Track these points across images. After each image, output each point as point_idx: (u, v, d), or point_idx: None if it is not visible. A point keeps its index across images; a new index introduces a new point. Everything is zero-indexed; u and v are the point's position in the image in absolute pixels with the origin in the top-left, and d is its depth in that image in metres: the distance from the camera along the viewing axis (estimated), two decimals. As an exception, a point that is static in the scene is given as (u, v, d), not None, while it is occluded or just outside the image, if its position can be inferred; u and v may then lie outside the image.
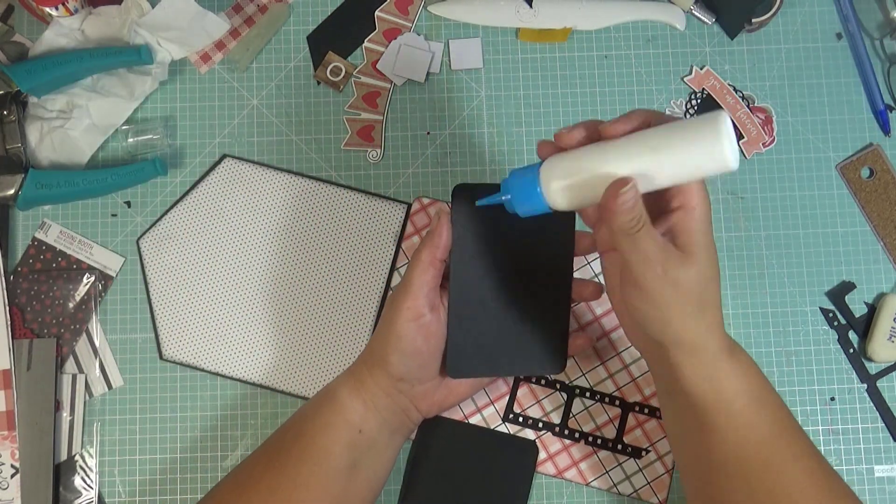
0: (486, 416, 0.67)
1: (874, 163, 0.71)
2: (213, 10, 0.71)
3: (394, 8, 0.73)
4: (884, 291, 0.70)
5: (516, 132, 0.72)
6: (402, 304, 0.57)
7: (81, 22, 0.69)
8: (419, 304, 0.57)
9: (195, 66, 0.72)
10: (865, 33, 0.73)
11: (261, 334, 0.68)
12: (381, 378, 0.59)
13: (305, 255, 0.69)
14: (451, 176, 0.71)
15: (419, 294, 0.57)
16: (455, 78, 0.72)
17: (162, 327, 0.68)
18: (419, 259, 0.57)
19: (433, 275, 0.57)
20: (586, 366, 0.68)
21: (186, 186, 0.70)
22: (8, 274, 0.68)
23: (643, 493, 0.66)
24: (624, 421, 0.67)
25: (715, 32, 0.73)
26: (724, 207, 0.71)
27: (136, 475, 0.67)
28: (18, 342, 0.67)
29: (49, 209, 0.70)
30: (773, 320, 0.70)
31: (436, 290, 0.58)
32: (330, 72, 0.72)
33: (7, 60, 0.70)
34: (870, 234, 0.71)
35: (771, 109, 0.72)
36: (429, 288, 0.57)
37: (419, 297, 0.57)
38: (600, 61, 0.73)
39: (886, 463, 0.68)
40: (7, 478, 0.65)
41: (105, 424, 0.68)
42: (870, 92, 0.72)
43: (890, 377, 0.69)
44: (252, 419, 0.68)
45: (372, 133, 0.71)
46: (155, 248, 0.69)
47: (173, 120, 0.71)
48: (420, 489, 0.66)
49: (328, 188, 0.70)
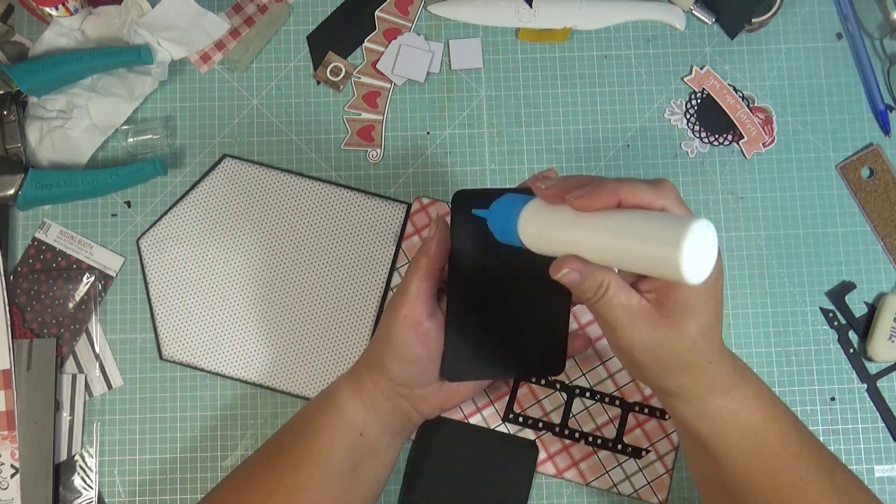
0: (486, 416, 0.67)
1: (874, 163, 0.71)
2: (213, 10, 0.71)
3: (394, 8, 0.73)
4: (884, 291, 0.70)
5: (516, 132, 0.72)
6: (400, 311, 0.57)
7: (81, 22, 0.69)
8: (417, 312, 0.57)
9: (195, 66, 0.72)
10: (865, 33, 0.73)
11: (261, 334, 0.68)
12: (382, 382, 0.59)
13: (305, 255, 0.69)
14: (450, 176, 0.71)
15: (417, 301, 0.56)
16: (455, 78, 0.72)
17: (162, 327, 0.68)
18: (417, 266, 0.57)
19: (431, 283, 0.57)
20: (586, 366, 0.68)
21: (186, 186, 0.70)
22: (8, 274, 0.68)
23: (643, 494, 0.66)
24: (624, 421, 0.67)
25: (715, 32, 0.73)
26: (724, 207, 0.71)
27: (136, 475, 0.67)
28: (18, 342, 0.67)
29: (49, 209, 0.70)
30: (773, 320, 0.70)
31: (434, 296, 0.58)
32: (330, 72, 0.72)
33: (7, 60, 0.70)
34: (870, 234, 0.71)
35: (771, 109, 0.72)
36: (427, 295, 0.57)
37: (417, 305, 0.56)
38: (600, 61, 0.73)
39: (886, 463, 0.68)
40: (7, 478, 0.65)
41: (105, 424, 0.68)
42: (870, 92, 0.72)
43: (890, 377, 0.69)
44: (252, 419, 0.68)
45: (372, 133, 0.71)
46: (155, 248, 0.69)
47: (173, 120, 0.71)
48: (420, 489, 0.66)
49: (328, 188, 0.70)
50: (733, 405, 0.51)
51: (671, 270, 0.41)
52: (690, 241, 0.40)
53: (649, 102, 0.72)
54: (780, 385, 0.69)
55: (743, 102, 0.72)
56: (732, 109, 0.72)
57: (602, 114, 0.72)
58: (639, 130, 0.72)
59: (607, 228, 0.44)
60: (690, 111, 0.72)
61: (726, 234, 0.70)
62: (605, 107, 0.72)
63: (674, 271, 0.41)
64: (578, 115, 0.72)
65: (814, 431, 0.68)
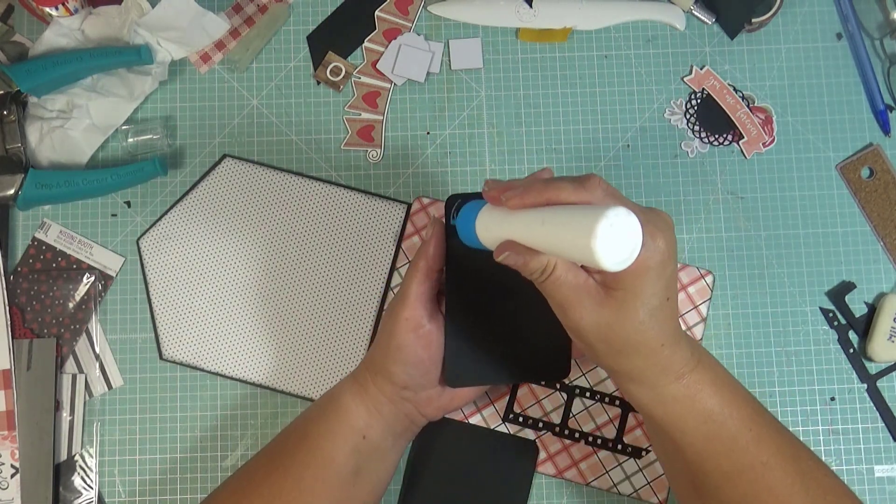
0: (486, 416, 0.67)
1: (874, 163, 0.71)
2: (213, 10, 0.71)
3: (394, 8, 0.73)
4: (884, 291, 0.70)
5: (516, 132, 0.72)
6: (401, 315, 0.57)
7: (81, 22, 0.69)
8: (418, 315, 0.57)
9: (195, 66, 0.72)
10: (865, 33, 0.73)
11: (261, 334, 0.68)
12: (385, 386, 0.59)
13: (305, 255, 0.69)
14: (450, 176, 0.71)
15: (417, 304, 0.57)
16: (455, 78, 0.72)
17: (162, 327, 0.68)
18: (416, 269, 0.57)
19: (430, 285, 0.57)
20: (586, 366, 0.68)
21: (186, 186, 0.70)
22: (8, 274, 0.68)
23: (643, 493, 0.66)
24: (624, 421, 0.67)
25: (715, 32, 0.73)
26: (724, 207, 0.71)
27: (136, 475, 0.67)
28: (18, 342, 0.67)
29: (49, 209, 0.70)
30: (773, 320, 0.70)
31: (434, 299, 0.58)
32: (330, 72, 0.72)
33: (7, 60, 0.70)
34: (870, 234, 0.71)
35: (771, 109, 0.72)
36: (426, 298, 0.57)
37: (417, 308, 0.57)
38: (600, 61, 0.73)
39: (886, 463, 0.68)
40: (7, 478, 0.65)
41: (105, 424, 0.67)
42: (870, 92, 0.72)
43: (890, 377, 0.69)
44: (252, 419, 0.68)
45: (372, 133, 0.71)
46: (155, 248, 0.69)
47: (173, 120, 0.71)
48: (420, 489, 0.66)
49: (328, 188, 0.70)
50: (688, 390, 0.52)
51: (587, 257, 0.43)
52: (602, 228, 0.42)
53: (649, 102, 0.72)
54: (780, 385, 0.69)
55: (743, 102, 0.72)
56: (732, 109, 0.72)
57: (602, 114, 0.72)
58: (639, 130, 0.72)
59: (535, 220, 0.47)
60: (690, 111, 0.72)
61: (726, 234, 0.70)
62: (605, 107, 0.72)
63: (590, 258, 0.43)
64: (578, 115, 0.72)
65: (814, 431, 0.68)
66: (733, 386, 0.54)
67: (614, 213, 0.43)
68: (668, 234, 0.49)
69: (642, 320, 0.48)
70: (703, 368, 0.53)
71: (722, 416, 0.52)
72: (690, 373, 0.52)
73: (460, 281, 0.58)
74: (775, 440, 0.53)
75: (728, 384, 0.54)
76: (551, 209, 0.47)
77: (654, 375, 0.51)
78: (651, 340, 0.50)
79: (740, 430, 0.52)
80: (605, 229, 0.42)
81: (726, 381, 0.54)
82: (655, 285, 0.48)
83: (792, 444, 0.54)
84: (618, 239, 0.43)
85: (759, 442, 0.53)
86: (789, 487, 0.52)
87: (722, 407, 0.52)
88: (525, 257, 0.48)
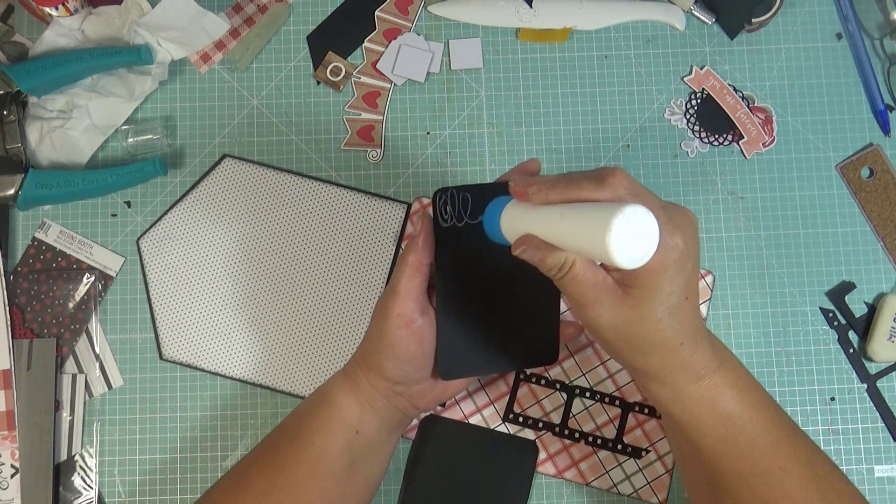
0: (486, 416, 0.67)
1: (874, 163, 0.71)
2: (213, 10, 0.71)
3: (394, 8, 0.73)
4: (884, 291, 0.70)
5: (516, 132, 0.72)
6: (392, 310, 0.56)
7: (81, 22, 0.69)
8: (409, 310, 0.56)
9: (195, 66, 0.72)
10: (865, 33, 0.73)
11: (261, 334, 0.68)
12: (378, 382, 0.59)
13: (305, 254, 0.69)
14: (450, 176, 0.71)
15: (408, 299, 0.56)
16: (455, 78, 0.72)
17: (162, 327, 0.68)
18: (405, 264, 0.56)
19: (420, 279, 0.57)
20: (586, 366, 0.68)
21: (186, 186, 0.70)
22: (8, 274, 0.68)
23: (643, 493, 0.66)
24: (624, 421, 0.67)
25: (715, 32, 0.73)
26: (724, 207, 0.71)
27: (136, 475, 0.67)
28: (18, 342, 0.67)
29: (49, 209, 0.70)
30: (773, 320, 0.70)
31: (424, 293, 0.58)
32: (330, 72, 0.72)
33: (7, 60, 0.70)
34: (870, 234, 0.71)
35: (771, 109, 0.72)
36: (417, 292, 0.57)
37: (409, 303, 0.56)
38: (600, 61, 0.73)
39: (886, 463, 0.68)
40: (7, 478, 0.65)
41: (105, 424, 0.68)
42: (870, 92, 0.72)
43: (890, 377, 0.69)
44: (252, 419, 0.68)
45: (372, 133, 0.71)
46: (155, 248, 0.69)
47: (173, 120, 0.71)
48: (420, 489, 0.66)
49: (328, 188, 0.70)
50: (709, 392, 0.52)
51: (603, 254, 0.43)
52: (618, 225, 0.42)
53: (649, 102, 0.72)
54: (780, 385, 0.69)
55: (743, 102, 0.72)
56: (732, 109, 0.72)
57: (602, 114, 0.72)
58: (639, 130, 0.72)
59: (555, 215, 0.47)
60: (690, 111, 0.72)
61: (726, 234, 0.70)
62: (605, 107, 0.72)
63: (605, 254, 0.43)
64: (578, 115, 0.72)
65: (814, 431, 0.68)
66: (754, 389, 0.54)
67: (631, 210, 0.42)
68: (689, 232, 0.48)
69: (660, 318, 0.48)
70: (724, 370, 0.52)
71: (741, 420, 0.52)
72: (712, 374, 0.52)
73: (450, 274, 0.58)
74: (793, 445, 0.53)
75: (749, 387, 0.53)
76: (572, 205, 0.47)
77: (673, 374, 0.51)
78: (670, 339, 0.49)
79: (759, 434, 0.52)
80: (620, 226, 0.42)
81: (748, 384, 0.53)
82: (674, 283, 0.48)
83: (809, 449, 0.54)
84: (633, 236, 0.43)
85: (778, 446, 0.52)
86: (805, 492, 0.52)
87: (742, 410, 0.52)
88: (542, 252, 0.48)
